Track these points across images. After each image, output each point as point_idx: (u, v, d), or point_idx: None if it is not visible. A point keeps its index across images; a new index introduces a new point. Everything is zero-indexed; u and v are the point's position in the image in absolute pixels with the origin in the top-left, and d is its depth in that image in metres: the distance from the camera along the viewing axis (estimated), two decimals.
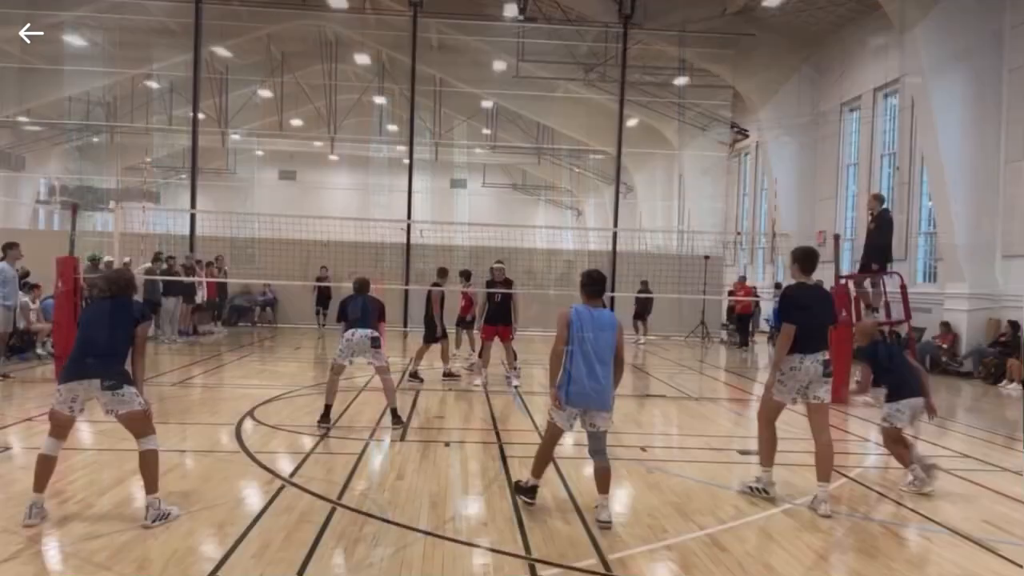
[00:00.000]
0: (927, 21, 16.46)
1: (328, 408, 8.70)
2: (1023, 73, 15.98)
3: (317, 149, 41.37)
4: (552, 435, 5.79)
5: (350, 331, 8.70)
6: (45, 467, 5.32)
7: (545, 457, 5.89)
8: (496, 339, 12.35)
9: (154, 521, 5.21)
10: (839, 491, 6.71)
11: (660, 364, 16.50)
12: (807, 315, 6.13)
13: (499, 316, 12.31)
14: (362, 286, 9.15)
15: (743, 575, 4.69)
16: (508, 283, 12.63)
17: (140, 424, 5.40)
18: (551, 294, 19.01)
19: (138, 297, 5.88)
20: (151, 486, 5.32)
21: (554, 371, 5.61)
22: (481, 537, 5.16)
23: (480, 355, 12.52)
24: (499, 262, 12.95)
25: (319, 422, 8.56)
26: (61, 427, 5.36)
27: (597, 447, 5.64)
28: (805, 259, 6.34)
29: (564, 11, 25.41)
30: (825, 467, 6.08)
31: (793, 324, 6.09)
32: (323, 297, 21.74)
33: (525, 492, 5.88)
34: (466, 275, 13.72)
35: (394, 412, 8.82)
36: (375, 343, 8.69)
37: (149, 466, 5.35)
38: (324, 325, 21.80)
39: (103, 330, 5.44)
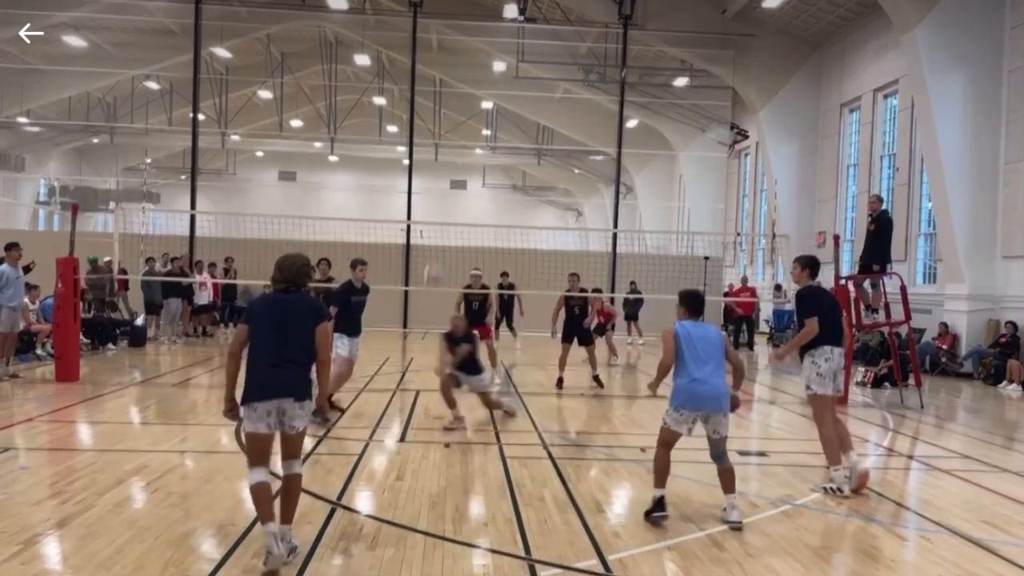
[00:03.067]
0: (927, 22, 16.46)
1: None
2: (1022, 74, 15.98)
3: (317, 150, 41.40)
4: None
5: None
6: (259, 495, 4.64)
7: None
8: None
9: (290, 554, 4.55)
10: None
11: None
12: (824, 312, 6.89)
13: (476, 318, 12.46)
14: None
15: (743, 575, 4.69)
16: (485, 287, 13.18)
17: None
18: (551, 295, 18.96)
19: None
20: (290, 515, 4.71)
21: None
22: (481, 537, 5.15)
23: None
24: (477, 269, 13.31)
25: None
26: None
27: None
28: (812, 264, 7.18)
29: (564, 12, 25.43)
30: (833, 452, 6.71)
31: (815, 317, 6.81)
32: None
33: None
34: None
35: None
36: None
37: (292, 493, 4.77)
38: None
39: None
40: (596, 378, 12.52)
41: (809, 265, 7.18)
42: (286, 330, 4.72)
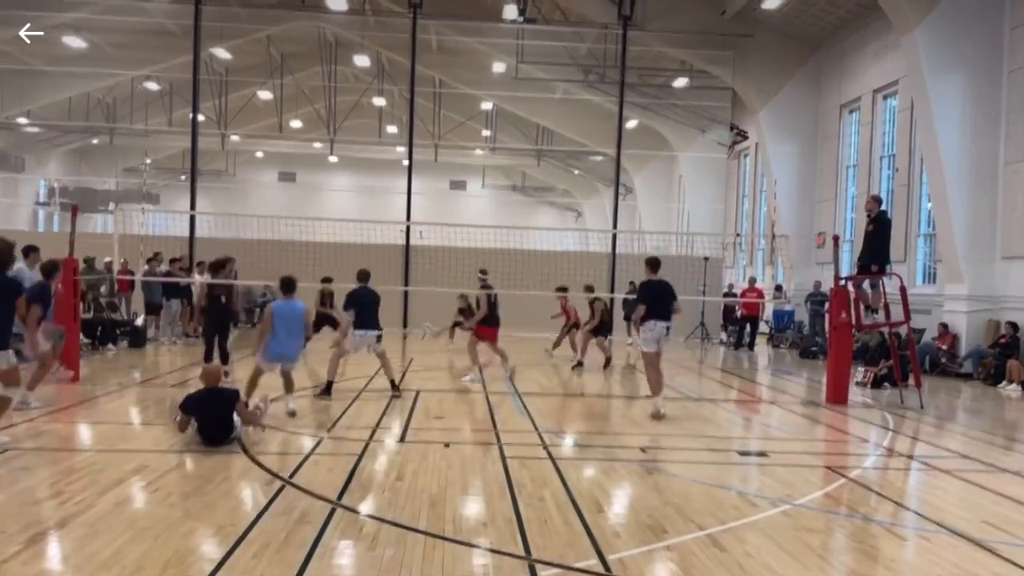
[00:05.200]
0: (927, 23, 16.46)
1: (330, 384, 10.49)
2: (1022, 75, 15.99)
3: (316, 151, 41.42)
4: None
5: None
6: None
7: None
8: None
9: None
10: (839, 491, 6.72)
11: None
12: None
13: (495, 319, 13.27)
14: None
15: (743, 575, 4.69)
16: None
17: None
18: (551, 295, 18.95)
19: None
20: None
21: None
22: (481, 537, 5.15)
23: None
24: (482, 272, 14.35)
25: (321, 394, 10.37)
26: None
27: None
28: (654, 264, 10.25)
29: (563, 13, 25.44)
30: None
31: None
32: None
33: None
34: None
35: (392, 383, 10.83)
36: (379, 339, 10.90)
37: None
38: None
39: None
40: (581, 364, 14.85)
41: (651, 264, 10.25)
42: None
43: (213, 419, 7.49)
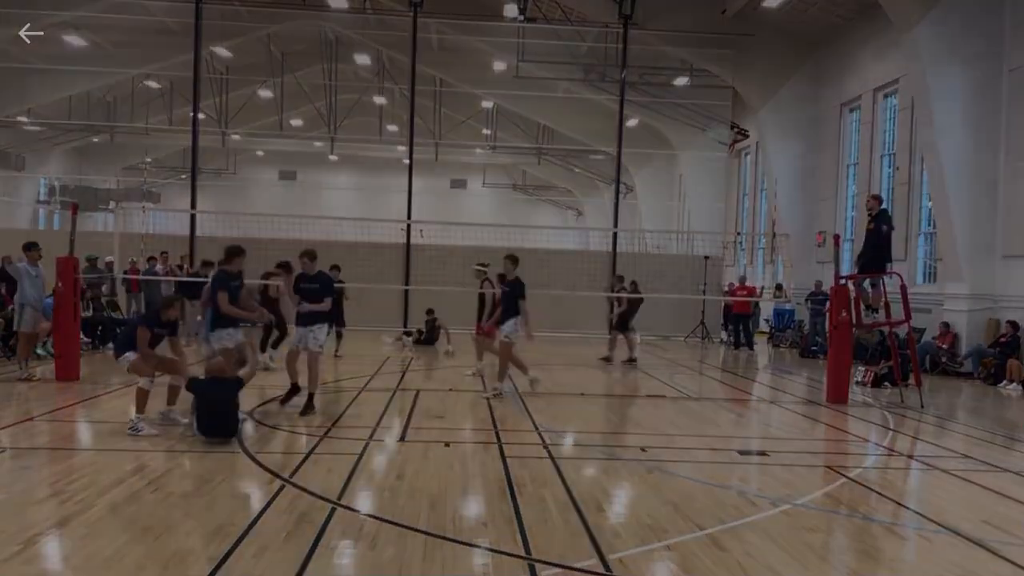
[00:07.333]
0: (927, 21, 16.43)
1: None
2: (1023, 73, 15.97)
3: (317, 149, 41.38)
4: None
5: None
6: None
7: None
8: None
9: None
10: (839, 491, 6.72)
11: (659, 364, 16.50)
12: None
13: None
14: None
15: (743, 575, 4.69)
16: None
17: None
18: (552, 294, 18.96)
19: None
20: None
21: None
22: (481, 537, 5.15)
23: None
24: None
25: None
26: None
27: None
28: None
29: (564, 11, 25.41)
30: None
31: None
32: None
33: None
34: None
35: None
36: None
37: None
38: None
39: None
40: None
41: (515, 260, 10.91)
42: None
43: (214, 409, 7.54)
